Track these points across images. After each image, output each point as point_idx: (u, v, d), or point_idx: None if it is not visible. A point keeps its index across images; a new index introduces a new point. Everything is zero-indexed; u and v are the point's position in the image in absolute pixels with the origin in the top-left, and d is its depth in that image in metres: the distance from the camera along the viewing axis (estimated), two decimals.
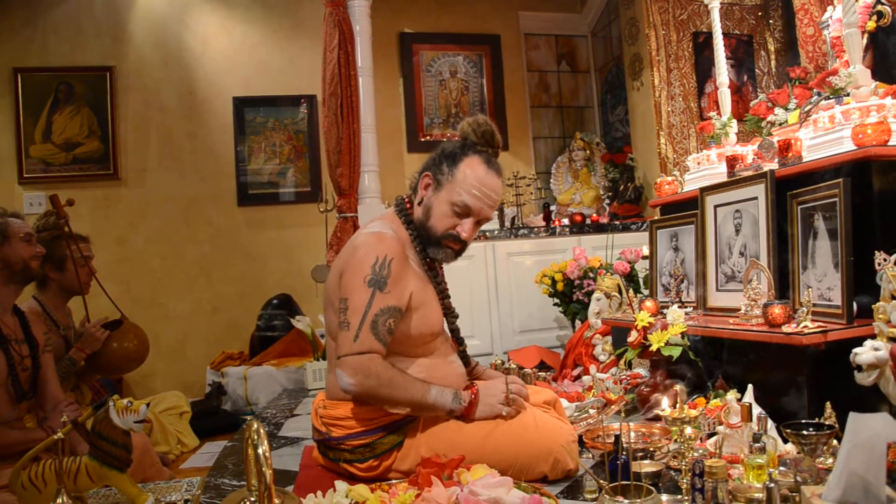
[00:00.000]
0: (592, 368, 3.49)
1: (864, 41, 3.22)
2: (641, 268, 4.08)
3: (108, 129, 5.31)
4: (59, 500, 1.78)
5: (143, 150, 5.41)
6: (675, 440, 2.11)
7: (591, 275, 4.20)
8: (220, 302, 5.45)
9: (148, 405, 1.95)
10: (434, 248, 2.10)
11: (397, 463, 1.99)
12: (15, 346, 2.43)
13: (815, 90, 3.39)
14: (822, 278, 2.55)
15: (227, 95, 5.56)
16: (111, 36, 5.37)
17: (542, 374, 3.51)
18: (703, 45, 5.15)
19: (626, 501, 1.50)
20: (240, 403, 4.66)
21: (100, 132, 5.31)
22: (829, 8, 3.79)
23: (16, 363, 2.41)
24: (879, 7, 3.20)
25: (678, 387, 2.36)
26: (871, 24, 3.22)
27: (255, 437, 1.35)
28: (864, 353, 2.03)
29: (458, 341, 2.28)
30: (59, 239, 3.13)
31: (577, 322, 4.33)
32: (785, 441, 1.98)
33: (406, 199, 2.19)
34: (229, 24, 5.60)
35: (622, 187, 5.50)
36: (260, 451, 1.33)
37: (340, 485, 1.80)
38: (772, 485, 1.47)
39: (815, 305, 2.46)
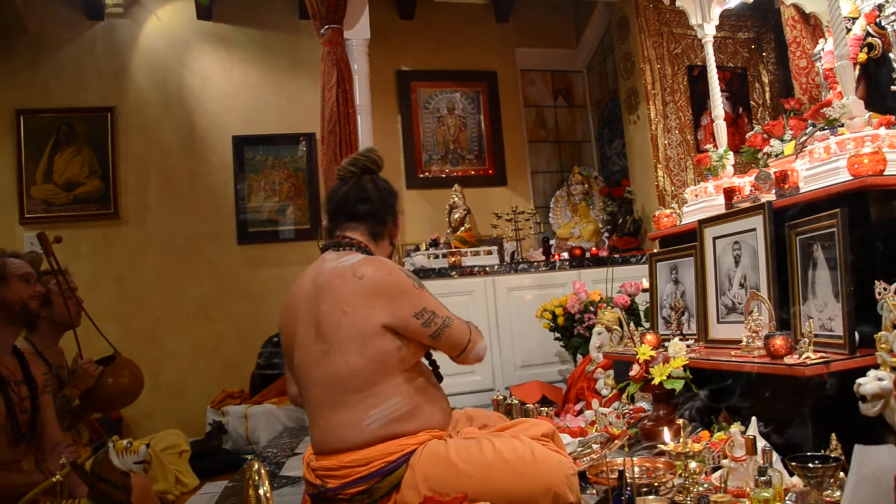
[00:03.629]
0: (595, 403, 3.47)
1: (857, 73, 3.26)
2: (642, 301, 4.07)
3: (108, 168, 5.34)
4: None
5: (144, 189, 5.44)
6: (680, 475, 2.09)
7: (591, 308, 4.18)
8: (220, 340, 5.43)
9: (148, 446, 1.92)
10: None
11: None
12: (14, 387, 2.41)
13: (809, 121, 3.43)
14: (823, 308, 2.54)
15: (227, 134, 5.61)
16: (112, 77, 5.44)
17: (545, 409, 3.48)
18: (697, 79, 5.21)
19: None
20: (240, 442, 4.61)
21: (100, 172, 5.34)
22: (821, 41, 3.85)
23: (15, 405, 2.39)
24: (870, 39, 3.25)
25: (681, 420, 2.34)
26: (863, 56, 3.26)
27: (256, 477, 1.34)
28: (868, 384, 2.02)
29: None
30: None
31: (579, 356, 4.31)
32: (791, 474, 1.96)
33: (362, 244, 2.18)
34: (229, 63, 5.67)
35: (621, 220, 5.52)
36: (261, 491, 1.32)
37: None
38: None
39: (816, 336, 2.45)
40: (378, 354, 1.94)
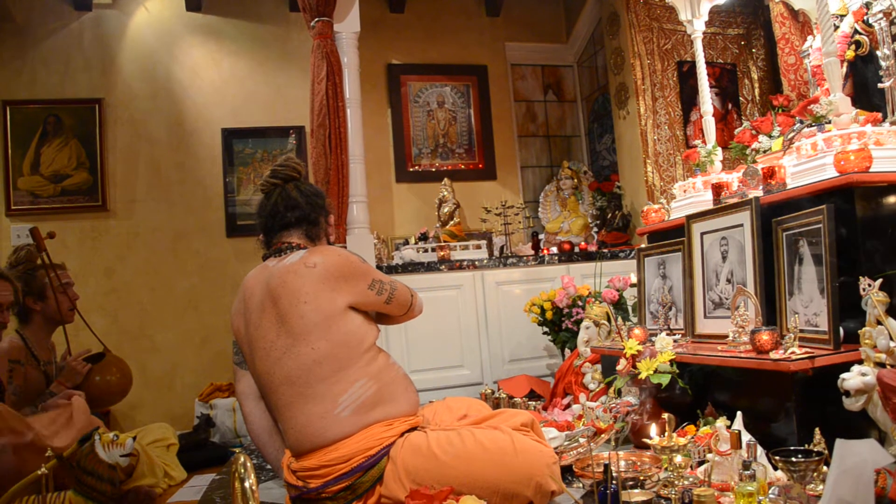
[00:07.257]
0: (582, 397, 3.48)
1: (844, 70, 3.28)
2: (630, 295, 4.09)
3: (96, 160, 5.31)
4: None
5: (132, 181, 5.41)
6: (665, 468, 2.11)
7: (579, 303, 4.19)
8: (208, 333, 5.41)
9: (134, 438, 1.92)
10: None
11: (383, 500, 1.97)
12: None
13: (797, 118, 3.45)
14: (809, 304, 2.56)
15: (216, 127, 5.58)
16: (100, 68, 5.40)
17: (532, 403, 3.50)
18: (687, 74, 5.22)
19: None
20: (228, 435, 4.61)
21: (88, 164, 5.30)
22: (809, 37, 3.86)
23: None
24: (857, 37, 3.27)
25: (667, 415, 2.35)
26: (850, 54, 3.28)
27: (242, 470, 1.34)
28: (852, 379, 2.04)
29: None
30: (35, 270, 3.12)
31: (567, 351, 4.32)
32: (775, 468, 1.98)
33: (302, 246, 2.24)
34: (218, 55, 5.64)
35: (610, 215, 5.53)
36: (247, 484, 1.32)
37: None
38: None
39: (801, 331, 2.47)
40: (343, 335, 2.01)
